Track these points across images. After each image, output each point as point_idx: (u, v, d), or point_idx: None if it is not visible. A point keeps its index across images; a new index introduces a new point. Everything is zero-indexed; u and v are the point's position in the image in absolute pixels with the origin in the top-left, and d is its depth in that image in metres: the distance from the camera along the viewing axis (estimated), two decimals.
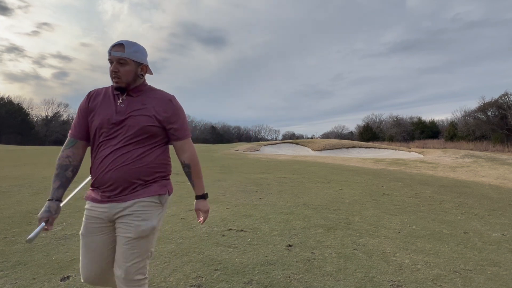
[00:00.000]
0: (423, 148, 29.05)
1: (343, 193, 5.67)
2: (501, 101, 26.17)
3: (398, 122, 46.65)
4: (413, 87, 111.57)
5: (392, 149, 22.74)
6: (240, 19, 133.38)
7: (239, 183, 6.59)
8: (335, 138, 68.36)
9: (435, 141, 36.62)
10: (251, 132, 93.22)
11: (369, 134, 48.50)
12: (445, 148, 29.44)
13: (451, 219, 3.96)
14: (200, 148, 24.79)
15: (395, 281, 2.14)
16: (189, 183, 1.51)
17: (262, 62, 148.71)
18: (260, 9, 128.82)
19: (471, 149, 26.53)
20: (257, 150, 23.51)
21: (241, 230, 3.21)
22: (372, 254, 2.61)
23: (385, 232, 3.28)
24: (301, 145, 27.11)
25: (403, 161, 13.76)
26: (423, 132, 43.80)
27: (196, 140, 72.81)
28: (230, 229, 3.23)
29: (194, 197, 1.52)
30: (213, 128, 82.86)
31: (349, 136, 68.78)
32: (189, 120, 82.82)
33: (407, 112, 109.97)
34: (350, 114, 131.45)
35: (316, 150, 23.51)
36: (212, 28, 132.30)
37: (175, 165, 1.59)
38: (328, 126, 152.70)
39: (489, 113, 26.79)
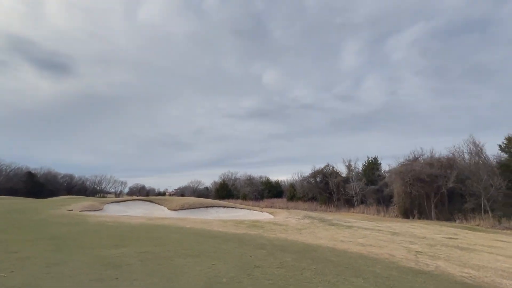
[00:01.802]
0: (271, 207, 33.82)
1: (217, 269, 5.69)
2: (325, 170, 35.36)
3: (251, 181, 52.88)
4: (263, 148, 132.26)
5: (247, 208, 25.13)
6: (95, 50, 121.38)
7: (87, 267, 5.39)
8: (191, 193, 68.80)
9: (280, 200, 43.55)
10: (88, 183, 79.64)
11: (225, 191, 51.98)
12: (287, 207, 35.39)
13: None
14: (9, 206, 18.64)
15: None
16: None
17: (116, 103, 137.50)
18: (122, 45, 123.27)
19: (305, 209, 33.19)
20: (100, 210, 20.22)
21: None
22: None
23: None
24: (155, 203, 25.52)
25: (259, 223, 15.41)
26: (270, 191, 51.30)
27: None
28: None
29: None
30: (30, 174, 64.94)
31: (205, 191, 71.07)
32: None
33: (258, 171, 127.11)
34: (207, 169, 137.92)
35: (173, 210, 22.71)
36: (55, 51, 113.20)
37: None
38: (183, 180, 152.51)
39: (317, 179, 35.27)
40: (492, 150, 33.31)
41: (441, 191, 24.09)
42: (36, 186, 63.95)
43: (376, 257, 7.90)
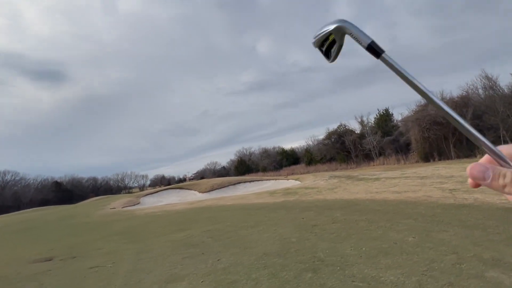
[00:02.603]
0: (293, 174, 34.68)
1: (281, 233, 6.35)
2: (339, 130, 35.71)
3: (267, 154, 53.69)
4: (270, 120, 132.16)
5: (272, 179, 26.01)
6: (85, 52, 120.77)
7: (170, 249, 6.13)
8: (211, 174, 70.50)
9: (298, 166, 44.32)
10: (112, 182, 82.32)
11: (244, 167, 53.13)
12: (308, 172, 36.15)
13: (377, 235, 5.33)
14: (55, 214, 19.96)
15: None
16: None
17: (118, 100, 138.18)
18: (110, 42, 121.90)
19: (326, 170, 33.94)
20: (138, 204, 21.39)
21: None
22: (370, 280, 3.33)
23: (353, 259, 4.13)
24: (185, 189, 26.66)
25: (291, 190, 16.16)
26: (287, 159, 52.11)
27: (31, 203, 57.36)
28: None
29: None
30: (57, 184, 67.70)
31: (223, 171, 72.63)
32: (17, 178, 64.80)
33: (271, 142, 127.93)
34: (220, 149, 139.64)
35: (204, 192, 23.75)
36: (46, 60, 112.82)
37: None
38: (199, 164, 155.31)
39: (332, 140, 35.71)
40: (504, 80, 32.62)
41: (459, 130, 24.14)
42: (65, 193, 66.78)
43: (415, 200, 8.46)
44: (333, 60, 0.65)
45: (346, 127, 36.80)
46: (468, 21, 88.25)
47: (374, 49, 0.50)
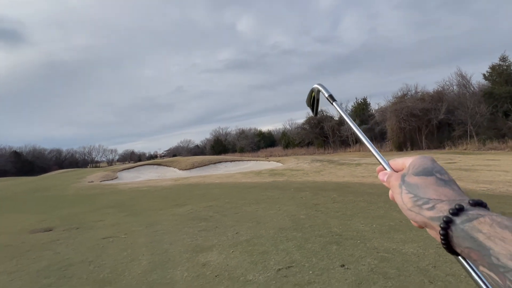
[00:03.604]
0: (271, 156, 35.37)
1: (286, 210, 6.69)
2: (318, 116, 36.69)
3: (245, 134, 53.93)
4: (247, 101, 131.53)
5: (254, 160, 26.40)
6: (46, 12, 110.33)
7: (180, 222, 6.27)
8: (185, 153, 69.66)
9: (276, 148, 45.19)
10: (77, 155, 78.52)
11: (220, 147, 53.13)
12: (286, 155, 37.00)
13: (380, 214, 5.83)
14: (23, 186, 18.92)
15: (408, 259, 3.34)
16: None
17: (84, 69, 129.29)
18: (77, 4, 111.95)
19: (303, 154, 35.01)
20: (116, 178, 20.88)
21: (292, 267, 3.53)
22: (393, 252, 3.75)
23: (369, 234, 4.55)
24: (164, 165, 26.30)
25: (277, 171, 16.64)
26: (264, 141, 52.82)
27: None
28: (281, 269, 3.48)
29: None
30: (16, 154, 63.26)
31: (197, 149, 72.05)
32: None
33: (246, 124, 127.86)
34: (194, 127, 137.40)
35: (185, 170, 23.63)
36: (0, 17, 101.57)
37: None
38: (172, 141, 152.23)
39: (312, 125, 36.71)
40: (475, 78, 34.86)
41: (432, 123, 25.96)
42: (26, 164, 62.75)
43: None
44: (316, 114, 0.92)
45: (325, 113, 37.84)
46: (442, 19, 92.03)
47: (332, 97, 0.70)
